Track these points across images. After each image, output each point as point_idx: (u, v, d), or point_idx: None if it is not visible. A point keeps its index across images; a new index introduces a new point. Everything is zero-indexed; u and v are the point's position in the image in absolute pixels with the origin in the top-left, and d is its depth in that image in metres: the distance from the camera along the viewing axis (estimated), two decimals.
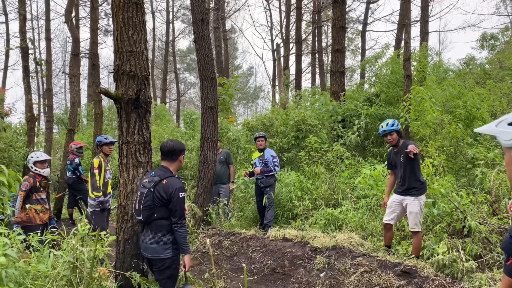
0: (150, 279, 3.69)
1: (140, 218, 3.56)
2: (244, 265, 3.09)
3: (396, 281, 4.37)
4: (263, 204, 7.26)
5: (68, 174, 9.20)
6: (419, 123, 7.95)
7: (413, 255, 5.03)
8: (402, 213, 5.25)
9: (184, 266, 3.55)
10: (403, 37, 10.08)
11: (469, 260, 4.58)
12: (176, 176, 3.60)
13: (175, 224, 3.44)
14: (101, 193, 5.94)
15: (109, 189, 6.16)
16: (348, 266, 4.94)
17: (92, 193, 5.94)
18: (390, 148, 5.48)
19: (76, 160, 9.08)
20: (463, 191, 5.92)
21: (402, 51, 10.28)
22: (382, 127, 5.26)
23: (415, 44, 26.88)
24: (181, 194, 3.44)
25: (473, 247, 4.88)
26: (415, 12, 36.84)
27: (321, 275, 5.03)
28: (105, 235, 3.52)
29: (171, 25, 30.96)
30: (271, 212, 7.23)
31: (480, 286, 4.01)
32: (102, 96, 13.86)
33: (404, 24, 10.66)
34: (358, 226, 6.27)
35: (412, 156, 4.93)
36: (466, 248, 4.88)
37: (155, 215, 3.49)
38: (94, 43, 13.96)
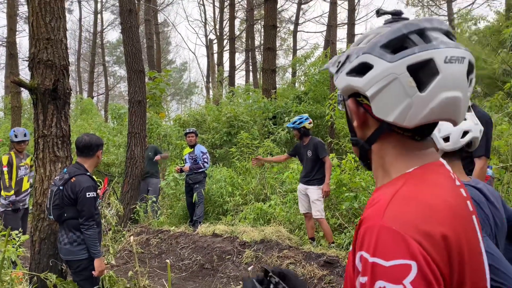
0: (68, 280, 3.50)
1: (52, 217, 3.35)
2: (168, 261, 3.04)
3: (319, 271, 4.55)
4: (193, 201, 7.19)
5: None
6: (344, 120, 8.33)
7: (329, 242, 5.34)
8: (309, 202, 5.58)
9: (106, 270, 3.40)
10: (331, 38, 10.48)
11: None
12: (89, 174, 3.38)
13: (82, 226, 3.23)
14: (11, 192, 5.46)
15: (25, 187, 5.68)
16: (275, 258, 5.06)
17: (4, 193, 5.47)
18: (299, 141, 5.93)
19: None
20: None
21: (330, 51, 10.70)
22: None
23: (343, 45, 28.11)
24: (89, 194, 3.23)
25: None
26: (344, 14, 38.54)
27: (249, 268, 5.10)
28: (16, 235, 3.27)
29: (99, 15, 29.56)
30: (200, 208, 7.18)
31: None
32: (22, 88, 12.89)
33: (331, 25, 11.10)
34: (286, 219, 6.44)
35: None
36: None
37: (66, 215, 3.29)
38: (11, 30, 12.96)
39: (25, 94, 20.05)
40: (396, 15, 0.89)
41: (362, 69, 0.85)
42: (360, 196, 5.92)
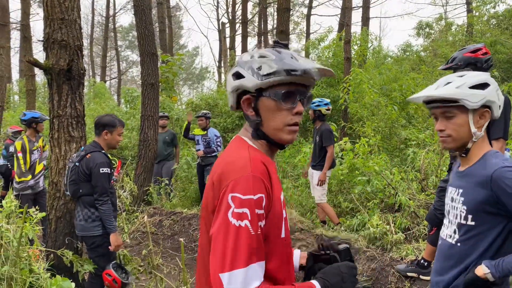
0: (83, 257, 3.56)
1: (68, 193, 3.48)
2: (181, 239, 3.08)
3: None
4: (205, 182, 7.21)
5: (0, 161, 8.46)
6: (358, 104, 8.24)
7: (335, 224, 5.38)
8: None
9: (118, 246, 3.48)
10: (346, 21, 10.32)
11: (398, 232, 4.87)
12: (104, 152, 3.48)
13: (97, 201, 3.34)
14: (29, 177, 5.48)
15: (38, 169, 5.66)
16: None
17: (20, 178, 5.50)
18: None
19: (12, 148, 8.36)
20: (395, 169, 6.25)
21: (344, 34, 10.54)
22: None
23: (357, 29, 27.64)
24: (102, 170, 3.33)
25: (402, 220, 5.19)
26: None
27: None
28: (34, 212, 3.33)
29: None
30: None
31: (406, 256, 4.29)
32: (36, 71, 13.04)
33: (346, 7, 10.92)
34: (298, 203, 6.45)
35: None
36: (396, 222, 5.19)
37: (81, 191, 3.41)
38: (25, 13, 13.03)
39: (39, 77, 20.25)
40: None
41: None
42: (373, 180, 5.89)
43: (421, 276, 3.78)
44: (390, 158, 7.40)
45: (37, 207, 3.50)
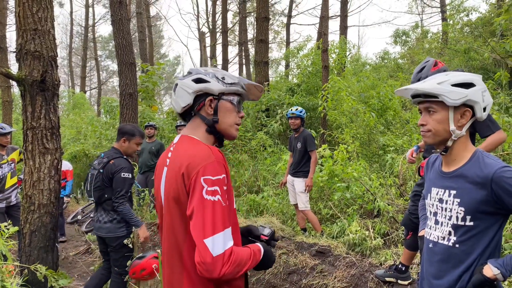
0: (59, 272, 3.48)
1: (92, 199, 3.70)
2: (159, 251, 3.05)
3: (311, 261, 4.57)
4: None
5: None
6: (336, 112, 8.33)
7: (318, 232, 5.39)
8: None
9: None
10: (323, 30, 10.46)
11: (377, 238, 4.93)
12: (125, 157, 3.73)
13: (114, 203, 3.57)
14: None
15: (9, 184, 5.45)
16: None
17: None
18: (292, 132, 5.90)
19: None
20: (374, 175, 6.32)
21: (322, 43, 10.67)
22: (291, 110, 5.67)
23: (336, 37, 28.00)
24: (124, 174, 3.58)
25: (381, 226, 5.25)
26: (337, 6, 38.41)
27: None
28: (5, 227, 3.24)
29: (91, 9, 29.24)
30: None
31: (385, 261, 4.33)
32: (13, 82, 12.79)
33: (323, 17, 11.08)
34: (279, 211, 6.46)
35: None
36: (375, 227, 5.24)
37: (106, 196, 3.64)
38: (1, 23, 12.82)
39: (16, 89, 19.86)
40: None
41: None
42: (352, 187, 5.95)
43: (399, 281, 3.82)
44: (369, 164, 7.49)
45: (9, 221, 3.42)
